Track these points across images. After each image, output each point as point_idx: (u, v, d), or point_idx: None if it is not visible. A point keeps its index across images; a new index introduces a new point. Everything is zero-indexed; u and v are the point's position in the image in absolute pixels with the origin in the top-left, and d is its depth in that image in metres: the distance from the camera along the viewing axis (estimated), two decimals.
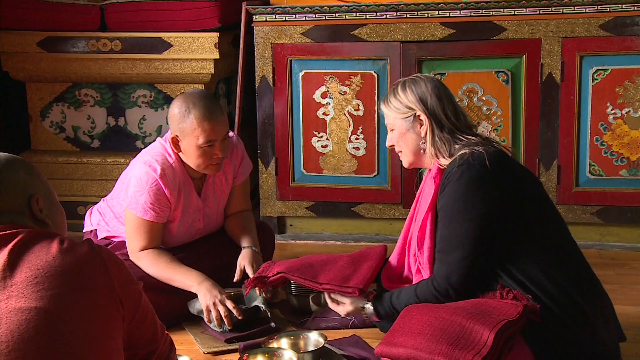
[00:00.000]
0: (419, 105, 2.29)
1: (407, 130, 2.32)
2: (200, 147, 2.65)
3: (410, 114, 2.30)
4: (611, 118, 3.44)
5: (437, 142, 2.27)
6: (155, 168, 2.69)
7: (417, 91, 2.30)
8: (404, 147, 2.35)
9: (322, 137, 3.70)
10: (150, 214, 2.70)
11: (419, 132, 2.30)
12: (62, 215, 1.70)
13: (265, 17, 3.64)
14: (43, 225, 1.61)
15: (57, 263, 1.46)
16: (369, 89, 3.61)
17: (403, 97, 2.31)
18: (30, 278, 1.43)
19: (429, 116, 2.28)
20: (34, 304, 1.40)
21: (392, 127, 2.36)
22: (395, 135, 2.35)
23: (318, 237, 3.81)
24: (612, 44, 3.38)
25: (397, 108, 2.32)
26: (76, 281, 1.47)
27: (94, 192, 3.91)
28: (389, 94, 2.37)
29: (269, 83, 3.69)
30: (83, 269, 1.49)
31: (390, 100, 2.34)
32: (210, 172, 2.77)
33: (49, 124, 4.04)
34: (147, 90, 3.95)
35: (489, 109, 3.51)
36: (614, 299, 2.20)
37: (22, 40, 3.86)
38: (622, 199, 3.48)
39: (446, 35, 3.51)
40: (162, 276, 2.70)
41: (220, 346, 2.55)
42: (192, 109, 2.63)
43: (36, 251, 1.48)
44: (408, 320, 2.01)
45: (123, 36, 3.80)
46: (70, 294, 1.45)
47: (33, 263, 1.45)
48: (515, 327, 1.93)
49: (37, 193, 1.61)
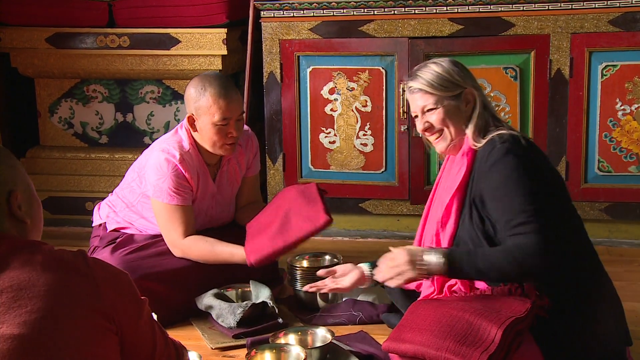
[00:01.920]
0: (469, 81, 2.24)
1: (455, 108, 2.21)
2: (216, 125, 2.70)
3: (459, 91, 2.21)
4: (620, 114, 3.43)
5: (480, 121, 2.20)
6: (174, 154, 2.74)
7: (461, 69, 2.24)
8: (450, 127, 2.22)
9: (330, 133, 3.70)
10: (177, 199, 2.74)
11: (465, 110, 2.22)
12: (39, 209, 1.56)
13: (273, 13, 3.63)
14: (20, 224, 1.49)
15: (42, 281, 1.35)
16: (376, 85, 3.60)
17: (451, 75, 2.21)
18: (12, 300, 1.33)
19: (478, 91, 2.23)
20: (16, 331, 1.30)
21: (433, 107, 2.21)
22: (441, 116, 2.21)
23: (325, 233, 3.78)
24: (621, 39, 3.37)
25: (446, 87, 2.20)
26: (63, 301, 1.36)
27: (102, 188, 3.92)
28: (425, 77, 2.22)
29: (276, 79, 3.69)
30: (71, 286, 1.38)
31: (434, 80, 2.20)
32: (224, 153, 2.80)
33: (58, 119, 4.05)
34: (155, 86, 3.96)
35: (497, 105, 3.50)
36: (622, 296, 2.19)
37: (30, 37, 3.88)
38: (630, 196, 3.47)
39: (454, 31, 3.49)
40: (210, 256, 2.75)
41: (228, 342, 2.55)
42: (207, 87, 2.71)
43: (17, 267, 1.36)
44: (415, 317, 2.01)
45: (131, 32, 3.80)
46: (57, 316, 1.34)
47: (15, 281, 1.34)
48: (524, 324, 1.93)
49: (17, 188, 1.48)
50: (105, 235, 2.92)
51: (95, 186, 3.98)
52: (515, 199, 2.02)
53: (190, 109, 2.76)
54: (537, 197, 2.01)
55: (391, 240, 3.66)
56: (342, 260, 2.85)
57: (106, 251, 2.75)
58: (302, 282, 2.76)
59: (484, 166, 2.10)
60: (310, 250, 3.07)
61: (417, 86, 2.23)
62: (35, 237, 1.54)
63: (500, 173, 2.05)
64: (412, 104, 2.27)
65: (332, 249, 3.24)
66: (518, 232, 1.99)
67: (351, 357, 2.34)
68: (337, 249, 3.28)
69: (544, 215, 1.99)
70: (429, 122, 2.23)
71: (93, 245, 2.92)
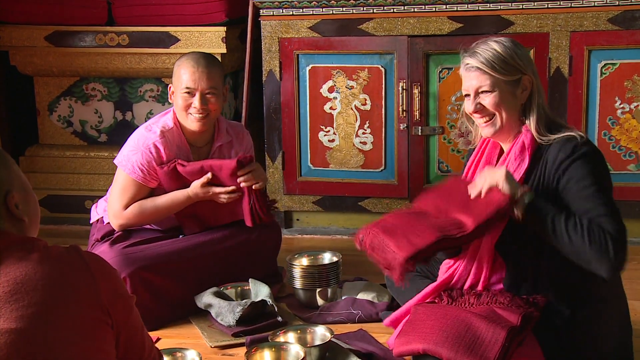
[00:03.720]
0: (530, 67, 2.14)
1: (510, 93, 2.11)
2: (181, 94, 2.77)
3: (518, 76, 2.11)
4: (619, 112, 3.43)
5: (542, 113, 2.11)
6: (155, 131, 2.81)
7: (524, 52, 2.15)
8: (504, 111, 2.12)
9: (329, 131, 3.70)
10: (137, 174, 2.79)
11: (521, 96, 2.13)
12: (36, 206, 1.58)
13: (273, 12, 3.63)
14: (18, 223, 1.51)
15: (38, 275, 1.37)
16: (376, 84, 3.60)
17: (514, 58, 2.11)
18: (9, 295, 1.34)
19: (537, 79, 2.14)
20: (13, 325, 1.32)
21: (489, 89, 2.11)
22: (496, 100, 2.10)
23: (325, 231, 3.81)
24: (620, 38, 3.37)
25: (506, 70, 2.10)
26: (59, 294, 1.37)
27: (101, 186, 3.92)
28: (485, 56, 2.12)
29: (276, 77, 3.69)
30: (67, 279, 1.40)
31: (494, 61, 2.10)
32: (193, 126, 2.82)
33: (57, 118, 4.05)
34: (154, 84, 3.96)
35: None
36: None
37: (29, 35, 3.87)
38: (630, 194, 3.47)
39: (454, 30, 3.49)
40: (152, 210, 2.82)
41: (227, 340, 2.55)
42: (183, 58, 2.81)
43: (13, 262, 1.38)
44: (418, 324, 2.02)
45: (130, 30, 3.80)
46: (54, 310, 1.35)
47: (11, 276, 1.36)
48: (521, 336, 1.93)
49: (14, 188, 1.50)
50: (102, 227, 2.92)
51: (95, 184, 3.98)
52: (601, 193, 1.98)
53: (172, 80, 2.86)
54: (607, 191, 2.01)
55: None
56: (341, 258, 2.86)
57: (105, 244, 2.76)
58: (302, 281, 2.76)
59: (564, 162, 2.02)
60: (310, 248, 3.07)
61: (475, 64, 2.12)
62: (33, 233, 1.56)
63: (582, 168, 2.00)
64: (466, 82, 2.17)
65: (332, 247, 3.24)
66: (599, 222, 1.94)
67: (350, 356, 2.34)
68: (337, 247, 3.28)
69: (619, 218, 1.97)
70: (482, 104, 2.13)
71: (92, 241, 2.92)
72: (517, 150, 2.12)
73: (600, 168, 2.03)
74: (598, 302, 2.04)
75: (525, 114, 2.13)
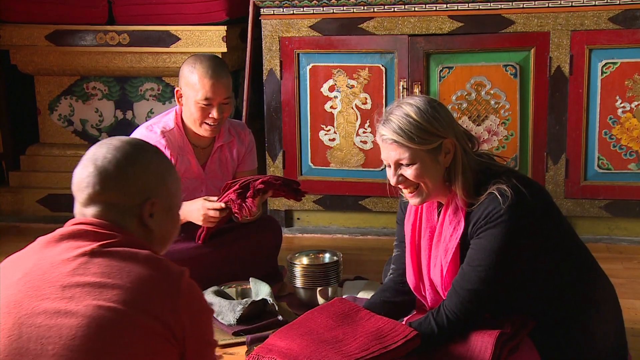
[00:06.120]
0: (449, 128, 1.98)
1: (432, 161, 1.98)
2: (198, 103, 2.73)
3: (439, 142, 1.97)
4: (620, 111, 3.43)
5: (467, 174, 1.99)
6: (155, 131, 2.80)
7: (442, 113, 1.99)
8: (428, 182, 1.99)
9: (330, 130, 3.69)
10: None
11: (444, 161, 1.99)
12: (173, 227, 1.58)
13: (273, 10, 3.63)
14: (146, 231, 1.51)
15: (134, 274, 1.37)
16: (376, 83, 3.60)
17: (431, 123, 1.96)
18: (95, 285, 1.35)
19: (458, 141, 1.99)
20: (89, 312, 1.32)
21: (409, 162, 1.97)
22: (419, 171, 1.97)
23: (325, 230, 3.82)
24: (621, 37, 3.36)
25: (424, 139, 1.95)
26: (140, 303, 1.36)
27: None
28: (401, 125, 1.95)
29: (276, 76, 3.69)
30: (151, 295, 1.38)
31: (411, 131, 1.95)
32: (205, 133, 2.82)
33: (57, 117, 4.05)
34: (155, 83, 3.96)
35: (497, 102, 3.50)
36: (622, 293, 2.20)
37: (30, 34, 3.88)
38: (630, 193, 3.47)
39: (454, 29, 3.49)
40: None
41: (227, 339, 2.55)
42: (197, 66, 2.74)
43: (119, 258, 1.39)
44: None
45: (131, 29, 3.80)
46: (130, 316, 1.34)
47: (106, 269, 1.37)
48: (514, 342, 1.94)
49: (156, 198, 1.50)
50: None
51: None
52: (484, 273, 1.95)
53: (180, 83, 2.81)
54: (494, 273, 1.95)
55: (391, 237, 3.66)
56: (341, 257, 2.86)
57: None
58: (302, 280, 2.76)
59: (482, 223, 1.95)
60: (310, 247, 3.07)
61: (391, 137, 1.97)
62: (157, 247, 1.55)
63: (491, 241, 1.93)
64: (384, 153, 2.02)
65: (332, 247, 3.24)
66: (450, 298, 1.99)
67: None
68: (337, 247, 3.29)
69: (476, 301, 1.96)
70: (404, 175, 2.00)
71: None
72: (451, 213, 2.03)
73: (510, 240, 1.92)
74: (592, 305, 2.04)
75: (450, 178, 2.00)
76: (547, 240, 2.00)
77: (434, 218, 2.12)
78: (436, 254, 2.09)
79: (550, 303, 2.03)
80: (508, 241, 1.93)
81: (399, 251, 2.28)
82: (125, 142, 1.52)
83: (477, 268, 1.95)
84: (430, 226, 2.12)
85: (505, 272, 1.96)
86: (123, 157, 1.48)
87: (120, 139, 1.52)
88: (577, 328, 2.00)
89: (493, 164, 2.06)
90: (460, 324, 1.97)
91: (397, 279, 2.27)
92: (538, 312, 2.03)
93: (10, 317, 1.32)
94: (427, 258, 2.12)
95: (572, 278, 2.03)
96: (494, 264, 1.94)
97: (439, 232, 2.08)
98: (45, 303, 1.33)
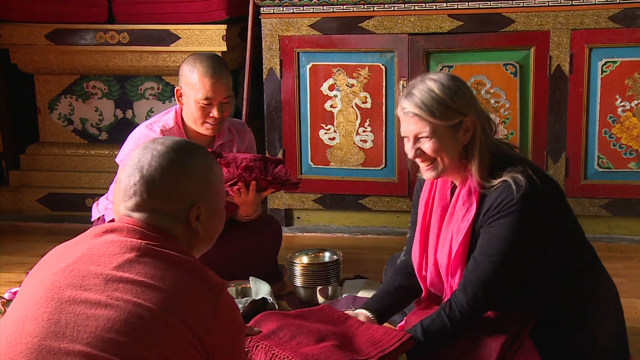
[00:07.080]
0: (471, 106, 1.99)
1: (451, 137, 1.99)
2: (198, 103, 2.73)
3: (459, 119, 1.98)
4: (620, 110, 3.42)
5: (484, 155, 1.99)
6: (155, 130, 2.79)
7: (464, 90, 2.00)
8: (445, 157, 2.00)
9: (330, 129, 3.69)
10: None
11: (463, 138, 2.00)
12: (220, 223, 1.61)
13: (273, 9, 3.63)
14: (192, 233, 1.53)
15: (169, 278, 1.40)
16: (376, 82, 3.60)
17: (453, 99, 1.97)
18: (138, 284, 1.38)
19: (479, 120, 2.00)
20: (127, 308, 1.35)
21: (428, 135, 1.98)
22: (437, 145, 1.98)
23: (325, 229, 3.82)
24: (621, 35, 3.36)
25: (445, 114, 1.96)
26: (174, 307, 1.38)
27: (102, 184, 3.92)
28: (423, 99, 1.97)
29: (276, 75, 3.69)
30: (188, 303, 1.39)
31: (432, 105, 1.95)
32: (206, 132, 2.81)
33: (57, 116, 4.05)
34: (155, 82, 3.96)
35: (497, 101, 3.50)
36: (622, 292, 2.19)
37: (30, 33, 3.87)
38: (630, 192, 3.47)
39: (454, 28, 3.49)
40: None
41: None
42: (198, 65, 2.73)
43: (162, 262, 1.42)
44: None
45: (131, 28, 3.80)
46: (163, 317, 1.36)
47: (149, 272, 1.39)
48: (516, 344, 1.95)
49: (201, 202, 1.52)
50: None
51: (95, 183, 3.98)
52: (497, 263, 1.96)
53: (180, 83, 2.80)
54: (504, 263, 1.96)
55: (391, 236, 3.67)
56: (341, 256, 2.86)
57: None
58: (302, 279, 2.76)
59: (494, 211, 1.95)
60: (310, 246, 3.07)
61: (413, 110, 1.98)
62: (204, 246, 1.60)
63: (504, 228, 1.94)
64: (404, 126, 2.04)
65: (332, 246, 3.24)
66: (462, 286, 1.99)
67: None
68: (337, 246, 3.29)
69: (488, 290, 1.97)
70: (422, 149, 2.01)
71: None
72: (465, 194, 2.03)
73: (523, 229, 1.93)
74: (594, 304, 2.04)
75: (468, 156, 2.01)
76: (557, 232, 2.01)
77: (447, 197, 2.13)
78: (446, 234, 2.09)
79: (553, 300, 2.03)
80: (520, 230, 1.93)
81: (411, 233, 2.30)
82: (169, 147, 1.51)
83: (491, 258, 1.95)
84: (442, 205, 2.13)
85: (518, 262, 1.97)
86: (168, 165, 1.49)
87: (164, 144, 1.52)
88: (578, 327, 2.00)
89: (510, 151, 2.07)
90: (472, 317, 1.98)
91: (408, 261, 2.28)
92: (539, 310, 2.03)
93: (54, 301, 1.37)
94: (436, 237, 2.13)
95: (575, 275, 2.04)
96: (508, 252, 1.94)
97: (451, 213, 2.08)
98: (87, 293, 1.37)
